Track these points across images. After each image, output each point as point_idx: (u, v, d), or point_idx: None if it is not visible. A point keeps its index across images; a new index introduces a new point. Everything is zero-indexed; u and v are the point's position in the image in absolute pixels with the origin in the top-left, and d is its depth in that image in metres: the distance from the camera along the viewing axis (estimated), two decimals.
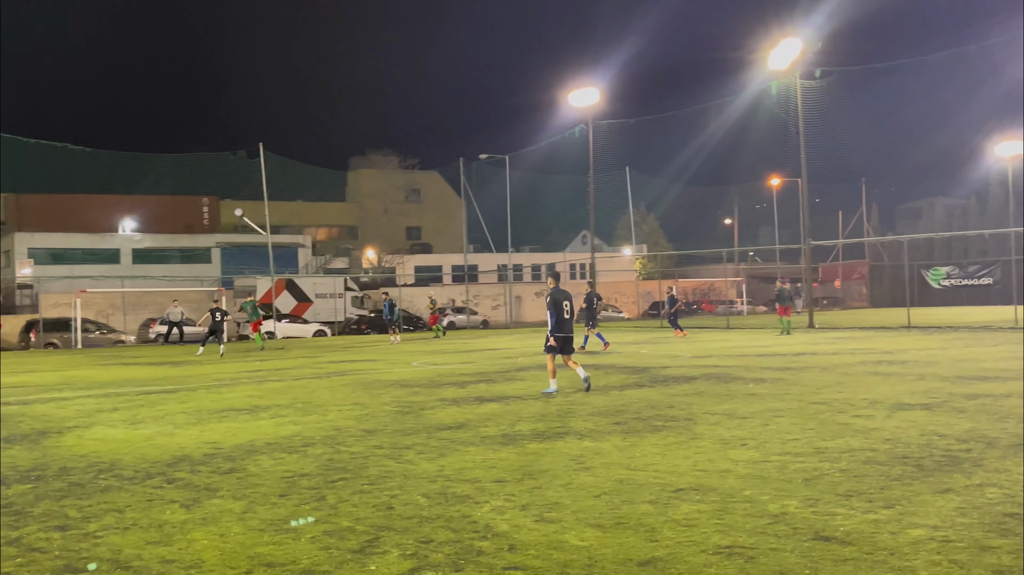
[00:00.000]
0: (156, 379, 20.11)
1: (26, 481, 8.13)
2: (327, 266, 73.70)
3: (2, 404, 15.30)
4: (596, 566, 5.15)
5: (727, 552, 5.33)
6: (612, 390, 14.59)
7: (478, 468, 8.12)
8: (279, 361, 26.02)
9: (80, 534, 6.17)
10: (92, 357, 32.71)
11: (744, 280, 77.94)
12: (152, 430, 11.36)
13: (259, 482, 7.78)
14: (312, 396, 15.05)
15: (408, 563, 5.31)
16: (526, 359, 22.87)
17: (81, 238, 64.57)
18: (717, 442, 9.15)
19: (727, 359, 20.85)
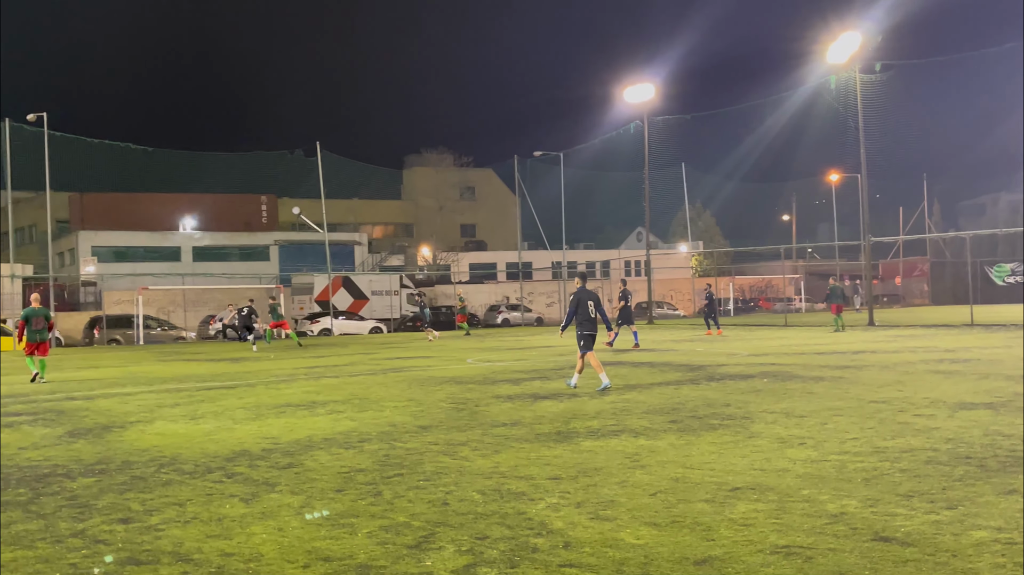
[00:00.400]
0: (215, 375, 20.42)
1: (90, 474, 8.30)
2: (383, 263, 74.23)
3: (68, 399, 15.65)
4: (652, 564, 5.13)
5: (785, 552, 5.27)
6: (668, 388, 14.50)
7: (533, 465, 8.12)
8: (336, 358, 26.27)
9: (142, 527, 6.29)
10: (153, 353, 33.34)
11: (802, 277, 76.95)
12: (212, 425, 11.54)
13: (316, 477, 7.86)
14: (368, 392, 15.18)
15: (464, 559, 5.33)
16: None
17: (143, 236, 65.76)
18: (774, 441, 9.05)
19: (785, 357, 20.61)
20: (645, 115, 52.67)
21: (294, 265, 65.54)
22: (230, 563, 5.39)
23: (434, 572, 5.12)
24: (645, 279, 56.60)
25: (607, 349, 24.59)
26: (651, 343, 28.74)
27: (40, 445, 10.21)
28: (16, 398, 16.11)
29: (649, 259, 53.91)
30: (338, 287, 55.04)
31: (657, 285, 61.12)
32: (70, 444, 10.23)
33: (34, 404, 14.90)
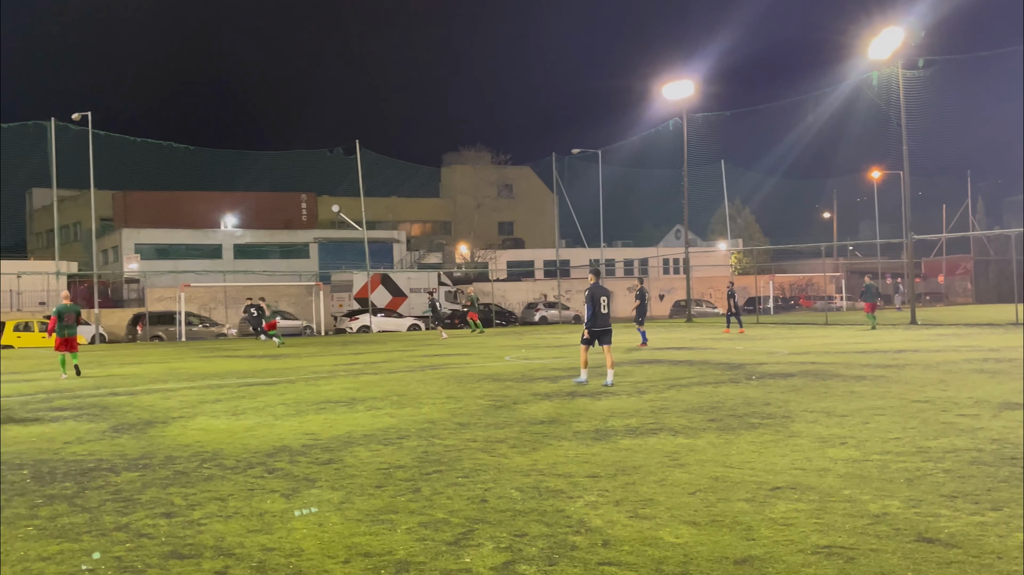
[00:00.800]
0: (256, 371, 20.61)
1: (134, 469, 8.42)
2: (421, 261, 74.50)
3: (111, 395, 15.87)
4: (691, 563, 5.10)
5: (826, 552, 5.23)
6: (707, 386, 14.42)
7: (571, 463, 8.12)
8: (374, 355, 26.41)
9: (185, 521, 6.37)
10: (195, 349, 33.71)
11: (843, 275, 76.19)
12: (253, 421, 11.65)
13: (356, 473, 7.91)
14: (407, 389, 15.24)
15: (502, 556, 5.34)
16: (619, 355, 22.77)
17: (185, 234, 66.51)
18: (815, 440, 8.97)
19: (825, 356, 20.42)
20: (684, 112, 52.42)
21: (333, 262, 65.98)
22: (271, 558, 5.44)
23: (473, 569, 5.13)
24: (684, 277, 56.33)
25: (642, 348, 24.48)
26: (690, 341, 28.61)
27: (85, 440, 10.37)
28: (61, 393, 16.37)
29: (688, 257, 53.62)
30: (377, 284, 55.34)
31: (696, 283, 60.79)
32: (114, 439, 10.37)
33: (79, 399, 15.13)
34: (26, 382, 19.27)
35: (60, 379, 19.79)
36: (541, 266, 76.06)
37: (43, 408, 13.86)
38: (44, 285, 47.84)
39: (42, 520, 6.51)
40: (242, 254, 66.55)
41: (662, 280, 71.19)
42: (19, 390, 17.31)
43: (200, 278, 53.89)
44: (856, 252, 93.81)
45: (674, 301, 65.08)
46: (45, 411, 13.43)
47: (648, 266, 75.82)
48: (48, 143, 45.99)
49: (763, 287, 64.90)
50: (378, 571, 5.14)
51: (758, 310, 56.43)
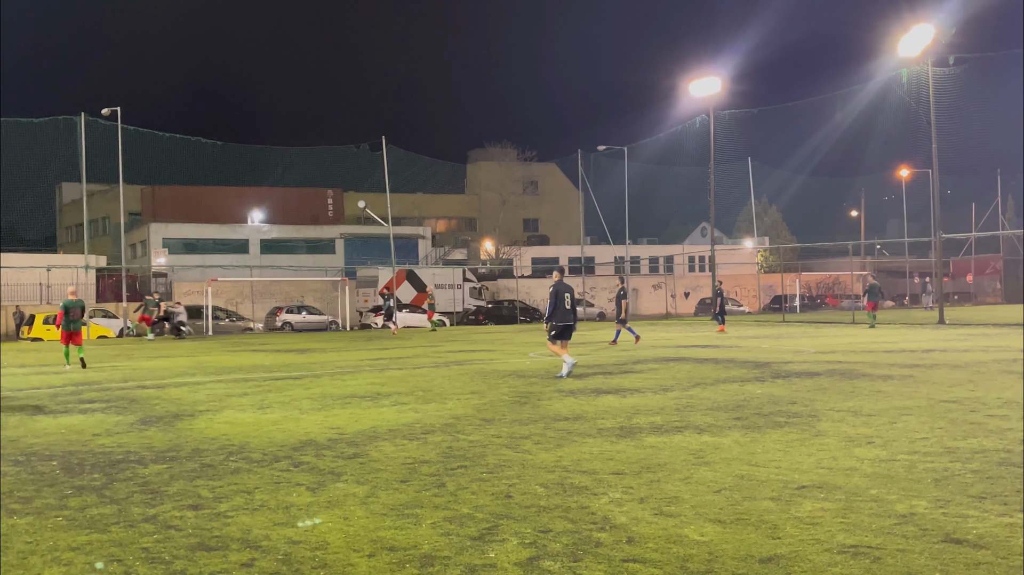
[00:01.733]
0: (282, 366, 20.73)
1: (162, 461, 8.49)
2: (446, 257, 74.62)
3: (139, 387, 16.02)
4: (717, 561, 5.09)
5: (852, 552, 5.20)
6: (732, 384, 14.36)
7: (596, 460, 8.11)
8: (399, 350, 26.49)
9: (212, 514, 6.42)
10: (222, 343, 33.94)
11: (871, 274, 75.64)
12: (279, 415, 11.72)
13: (381, 467, 7.94)
14: (432, 385, 15.28)
15: (527, 552, 5.35)
16: (644, 352, 22.72)
17: (212, 228, 66.94)
18: (842, 439, 8.92)
19: (852, 355, 20.28)
20: (711, 109, 52.20)
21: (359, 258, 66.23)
22: (297, 550, 5.48)
23: (497, 564, 5.14)
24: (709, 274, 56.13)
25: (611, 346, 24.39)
26: (715, 339, 28.49)
27: (113, 432, 10.46)
28: (91, 386, 16.53)
29: (714, 254, 53.41)
30: (402, 280, 55.48)
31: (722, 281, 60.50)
32: (142, 431, 10.47)
33: (107, 392, 15.28)
34: (55, 374, 19.48)
35: (64, 371, 20.39)
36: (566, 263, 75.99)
37: (72, 400, 14.01)
38: (73, 279, 48.27)
39: (72, 511, 6.58)
40: (268, 249, 66.91)
41: (687, 278, 70.96)
42: (48, 382, 17.49)
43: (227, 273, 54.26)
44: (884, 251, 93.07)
45: (699, 299, 64.85)
46: (74, 403, 13.57)
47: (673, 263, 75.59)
48: (78, 138, 46.41)
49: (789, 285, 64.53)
50: (403, 565, 5.16)
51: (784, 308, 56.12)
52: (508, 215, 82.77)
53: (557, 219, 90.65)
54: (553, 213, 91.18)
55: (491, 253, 77.13)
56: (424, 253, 73.00)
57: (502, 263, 72.40)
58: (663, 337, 30.98)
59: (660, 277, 69.30)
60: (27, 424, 11.30)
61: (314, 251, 68.80)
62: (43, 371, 20.64)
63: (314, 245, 69.52)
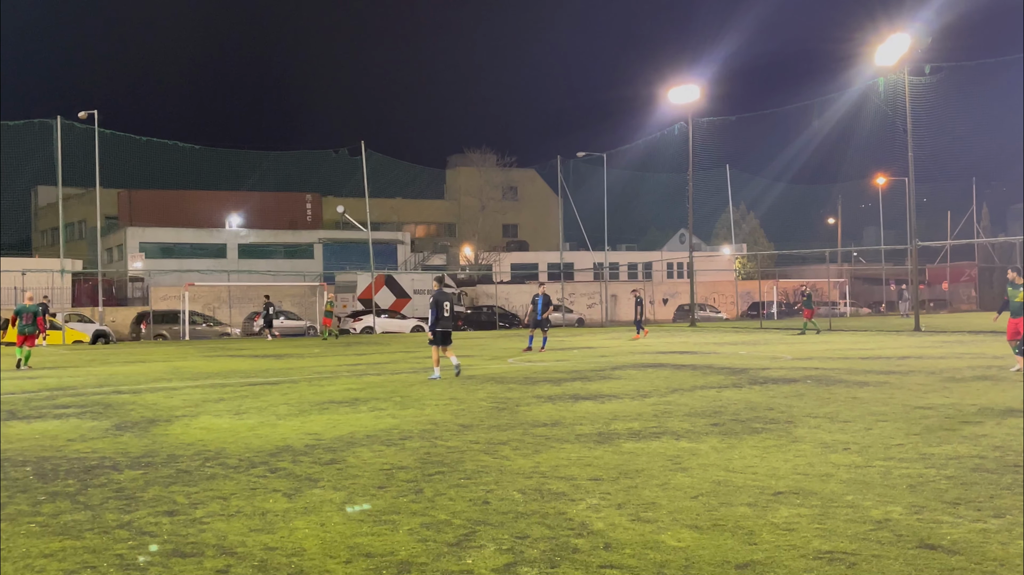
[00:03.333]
0: (259, 371, 20.62)
1: (137, 467, 8.42)
2: (425, 263, 74.47)
3: (115, 392, 15.89)
4: (693, 567, 5.10)
5: (828, 558, 5.22)
6: (710, 391, 14.41)
7: (574, 466, 8.12)
8: (378, 355, 26.41)
9: (187, 519, 6.37)
10: (199, 348, 33.73)
11: (847, 281, 76.11)
12: (256, 420, 11.66)
13: (358, 473, 7.92)
14: (410, 390, 15.24)
15: (504, 558, 5.34)
16: (622, 358, 22.76)
17: (190, 233, 66.56)
18: (818, 446, 8.97)
19: (829, 361, 20.40)
20: (690, 116, 52.41)
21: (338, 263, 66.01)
22: (273, 557, 5.45)
23: (475, 570, 5.13)
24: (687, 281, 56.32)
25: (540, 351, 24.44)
26: (693, 346, 28.58)
27: (88, 437, 10.38)
28: (65, 391, 16.39)
29: (692, 261, 53.58)
30: (381, 285, 55.35)
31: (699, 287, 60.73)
32: (117, 437, 10.39)
33: (82, 397, 15.15)
34: (29, 379, 19.30)
35: (19, 371, 21.75)
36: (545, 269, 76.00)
37: (47, 405, 13.88)
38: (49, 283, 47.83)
39: (44, 517, 6.52)
40: (246, 254, 66.59)
41: (666, 284, 71.15)
42: (23, 387, 17.33)
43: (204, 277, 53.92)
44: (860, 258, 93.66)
45: (677, 305, 65.06)
46: (49, 408, 13.45)
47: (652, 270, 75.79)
48: (54, 141, 46.06)
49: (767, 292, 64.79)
50: (380, 571, 5.14)
51: (762, 315, 56.34)
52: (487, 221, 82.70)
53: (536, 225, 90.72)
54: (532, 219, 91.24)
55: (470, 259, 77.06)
56: (403, 258, 72.86)
57: (481, 269, 72.36)
58: (641, 343, 31.04)
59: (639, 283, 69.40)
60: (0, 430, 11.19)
61: (292, 256, 68.56)
62: (17, 376, 20.44)
63: (292, 250, 69.27)
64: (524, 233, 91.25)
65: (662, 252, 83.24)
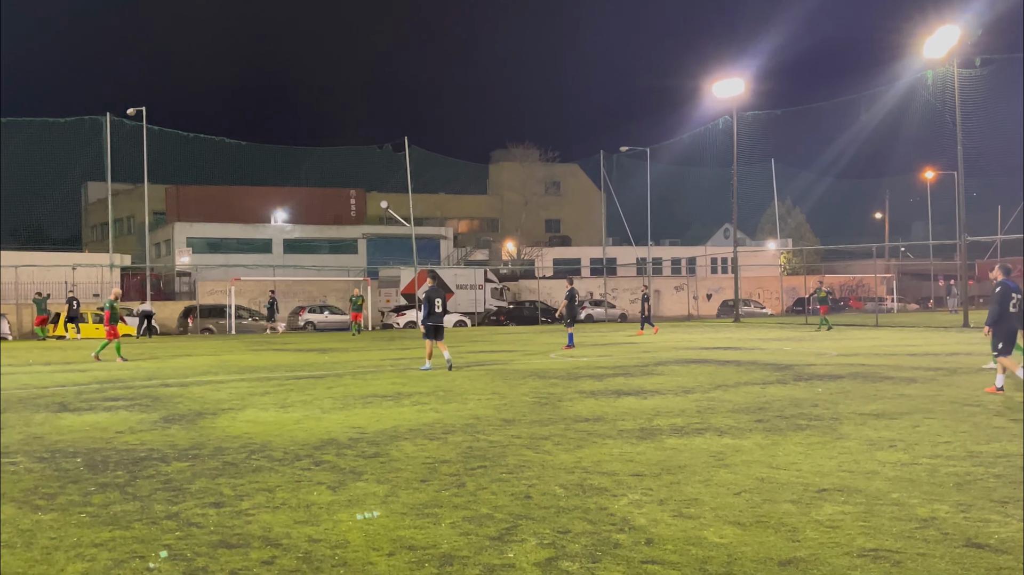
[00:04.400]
0: (304, 365, 20.82)
1: (184, 459, 8.55)
2: (468, 258, 74.66)
3: (163, 386, 16.13)
4: (735, 563, 5.08)
5: (872, 555, 5.18)
6: (754, 387, 14.31)
7: (615, 461, 8.11)
8: (421, 350, 26.46)
9: (233, 511, 6.46)
10: (245, 342, 34.12)
11: (895, 277, 75.11)
12: (301, 414, 11.79)
13: (401, 467, 7.97)
14: (452, 385, 15.31)
15: (546, 552, 5.36)
16: (665, 353, 22.67)
17: (236, 228, 67.27)
18: (864, 443, 8.88)
19: (876, 358, 20.17)
20: (734, 110, 52.00)
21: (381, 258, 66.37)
22: (317, 549, 5.51)
23: (516, 564, 5.16)
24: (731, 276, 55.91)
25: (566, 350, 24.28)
26: (737, 342, 28.39)
27: (137, 430, 10.55)
28: (115, 383, 16.67)
29: (736, 256, 53.20)
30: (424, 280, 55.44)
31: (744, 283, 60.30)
32: (165, 429, 10.55)
33: (131, 390, 15.40)
34: (80, 372, 19.65)
35: (117, 363, 22.25)
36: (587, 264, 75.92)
37: (97, 398, 14.13)
38: (98, 277, 48.64)
39: (95, 507, 6.64)
40: (291, 249, 67.17)
41: (709, 279, 70.68)
42: (74, 379, 17.65)
43: (250, 272, 54.50)
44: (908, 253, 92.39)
45: (722, 301, 64.61)
46: (99, 401, 13.69)
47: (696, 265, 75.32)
48: (104, 138, 46.77)
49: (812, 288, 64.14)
50: (422, 564, 5.18)
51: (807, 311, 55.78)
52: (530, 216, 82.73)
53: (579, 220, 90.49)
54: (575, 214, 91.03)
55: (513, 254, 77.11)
56: (446, 254, 73.07)
57: (524, 264, 72.38)
58: (685, 339, 30.90)
59: (682, 279, 69.05)
60: (52, 421, 11.41)
61: (336, 251, 69.00)
62: (68, 369, 20.81)
63: (336, 245, 69.73)
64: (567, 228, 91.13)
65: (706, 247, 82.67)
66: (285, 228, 69.60)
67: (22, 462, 8.52)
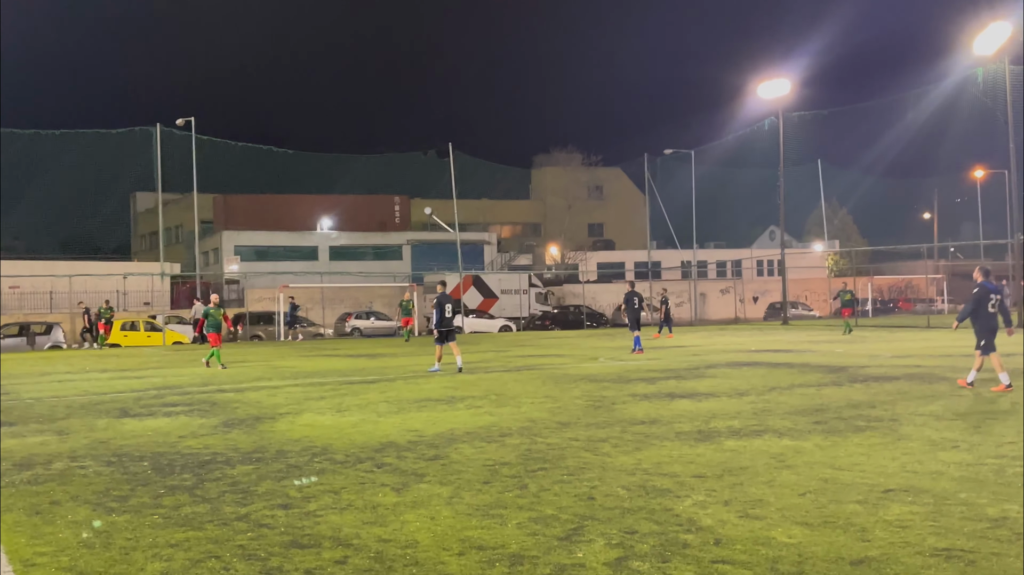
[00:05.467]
0: (355, 370, 20.98)
1: (248, 462, 8.68)
2: (511, 263, 74.72)
3: (219, 391, 16.35)
4: (807, 563, 5.08)
5: (945, 555, 5.15)
6: (809, 389, 14.21)
7: (676, 463, 8.11)
8: (469, 355, 26.56)
9: (301, 513, 6.56)
10: (295, 349, 34.43)
11: (945, 277, 74.01)
12: (357, 418, 11.90)
13: (462, 469, 8.04)
14: (504, 388, 15.36)
15: (615, 552, 5.39)
16: (716, 356, 22.56)
17: (283, 236, 67.91)
18: (925, 443, 8.80)
19: (930, 359, 19.92)
20: (780, 111, 51.63)
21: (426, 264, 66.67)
22: (388, 549, 5.58)
23: (587, 563, 5.19)
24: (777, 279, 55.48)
25: (635, 354, 24.13)
26: (787, 344, 28.16)
27: (198, 434, 10.72)
28: (171, 389, 16.92)
29: (784, 258, 52.77)
30: (468, 286, 55.74)
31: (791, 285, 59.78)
32: (226, 434, 10.71)
33: (188, 395, 15.63)
34: (137, 379, 19.97)
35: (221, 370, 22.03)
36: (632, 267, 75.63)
37: (156, 404, 14.36)
38: (149, 286, 49.38)
39: (166, 509, 6.78)
40: (337, 256, 67.67)
41: (755, 282, 70.16)
42: (131, 386, 17.94)
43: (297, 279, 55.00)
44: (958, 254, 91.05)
45: (769, 303, 64.11)
46: (158, 406, 13.91)
47: (741, 267, 74.82)
48: (154, 148, 47.50)
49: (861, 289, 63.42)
50: (492, 564, 5.24)
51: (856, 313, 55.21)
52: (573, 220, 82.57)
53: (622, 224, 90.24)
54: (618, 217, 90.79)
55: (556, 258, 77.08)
56: (490, 259, 73.21)
57: (567, 268, 72.33)
58: (734, 341, 30.72)
59: (728, 281, 68.57)
60: (115, 426, 11.63)
61: (382, 257, 69.43)
62: (125, 376, 21.16)
63: (382, 251, 70.16)
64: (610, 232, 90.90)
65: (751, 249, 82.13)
66: (331, 235, 70.14)
67: (91, 466, 8.70)
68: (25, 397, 16.07)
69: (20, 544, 5.90)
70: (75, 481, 7.95)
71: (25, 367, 25.51)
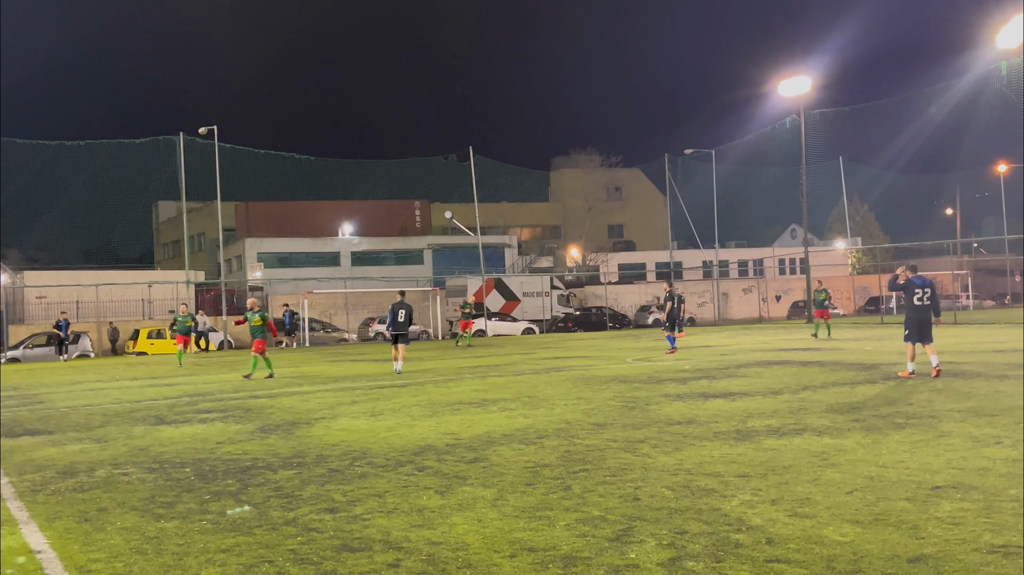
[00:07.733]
0: (384, 375, 21.03)
1: (289, 467, 8.72)
2: (532, 265, 74.69)
3: (251, 397, 16.42)
4: (863, 561, 5.05)
5: (1003, 551, 5.11)
6: (843, 387, 14.13)
7: (718, 463, 8.09)
8: (495, 358, 26.64)
9: (349, 516, 6.58)
10: (321, 354, 34.56)
11: (969, 273, 73.47)
12: (392, 421, 11.93)
13: (504, 471, 8.04)
14: (535, 390, 15.36)
15: (667, 552, 5.37)
16: (744, 356, 22.48)
17: (305, 242, 68.18)
18: (967, 440, 8.74)
19: (962, 355, 19.75)
20: (801, 109, 51.41)
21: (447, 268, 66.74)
22: (439, 551, 5.59)
23: (640, 564, 5.18)
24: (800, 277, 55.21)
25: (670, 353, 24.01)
26: (815, 342, 28.03)
27: (236, 440, 10.77)
28: (204, 396, 17.02)
29: (807, 256, 52.53)
30: (490, 289, 55.75)
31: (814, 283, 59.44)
32: (263, 439, 10.75)
33: (221, 402, 15.71)
34: (167, 386, 20.08)
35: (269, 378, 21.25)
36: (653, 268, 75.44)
37: (190, 410, 14.44)
38: (173, 294, 49.66)
39: (213, 515, 6.81)
40: (359, 261, 67.85)
41: (777, 281, 69.86)
42: (163, 394, 18.05)
43: (322, 285, 55.18)
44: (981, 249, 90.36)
45: (792, 302, 63.82)
46: (192, 413, 13.99)
47: (763, 266, 74.53)
48: (177, 157, 47.77)
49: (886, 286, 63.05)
50: (546, 565, 5.23)
51: (881, 310, 54.89)
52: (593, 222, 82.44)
53: (642, 224, 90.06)
54: (638, 218, 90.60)
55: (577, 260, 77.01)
56: (510, 262, 73.21)
57: (588, 270, 72.25)
58: (760, 341, 30.60)
59: (751, 281, 68.31)
60: (152, 434, 11.70)
61: (403, 262, 69.58)
62: (155, 383, 21.28)
63: (403, 256, 70.31)
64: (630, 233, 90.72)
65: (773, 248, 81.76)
66: (352, 241, 70.35)
67: (133, 472, 8.76)
68: (60, 406, 16.21)
69: (74, 551, 5.95)
70: (120, 488, 8.00)
71: (56, 376, 25.72)
